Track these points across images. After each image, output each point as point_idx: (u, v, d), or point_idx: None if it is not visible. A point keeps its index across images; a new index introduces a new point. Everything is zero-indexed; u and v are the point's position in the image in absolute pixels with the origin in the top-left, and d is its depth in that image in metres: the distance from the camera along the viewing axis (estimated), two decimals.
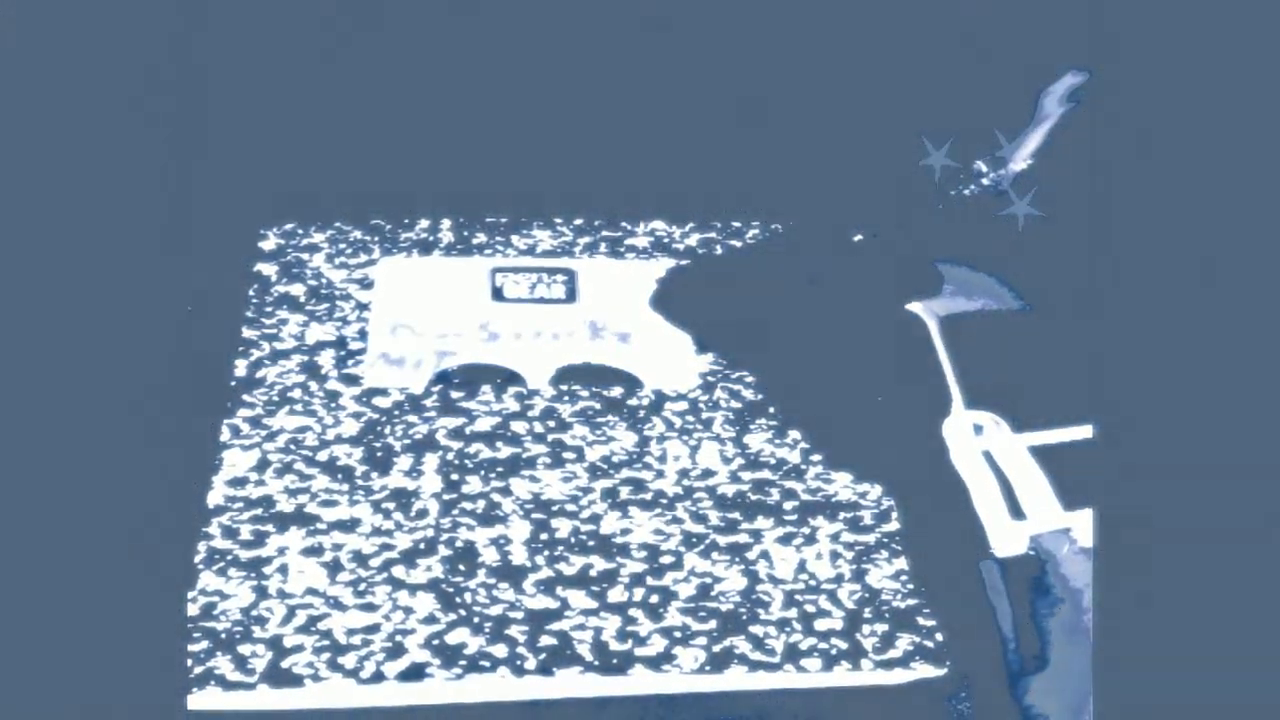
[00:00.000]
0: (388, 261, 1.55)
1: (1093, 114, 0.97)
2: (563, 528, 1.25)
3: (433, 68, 1.71)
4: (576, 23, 1.72)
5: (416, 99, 1.70)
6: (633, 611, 1.19)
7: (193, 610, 1.15)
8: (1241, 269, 0.93)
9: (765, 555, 1.24)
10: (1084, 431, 1.30)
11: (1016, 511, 1.27)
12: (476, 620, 1.17)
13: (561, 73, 1.72)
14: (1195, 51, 0.97)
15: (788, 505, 1.29)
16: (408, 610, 1.17)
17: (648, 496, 1.29)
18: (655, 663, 1.15)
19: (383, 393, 1.38)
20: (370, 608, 1.17)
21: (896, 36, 1.70)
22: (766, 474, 1.32)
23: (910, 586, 1.23)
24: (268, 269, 1.52)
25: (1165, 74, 0.97)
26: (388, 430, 1.34)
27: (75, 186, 0.94)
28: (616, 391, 1.40)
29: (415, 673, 1.12)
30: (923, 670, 1.16)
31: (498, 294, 1.52)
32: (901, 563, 1.25)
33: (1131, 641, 0.90)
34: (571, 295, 1.52)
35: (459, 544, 1.23)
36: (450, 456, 1.32)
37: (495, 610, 1.18)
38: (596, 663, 1.14)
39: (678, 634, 1.17)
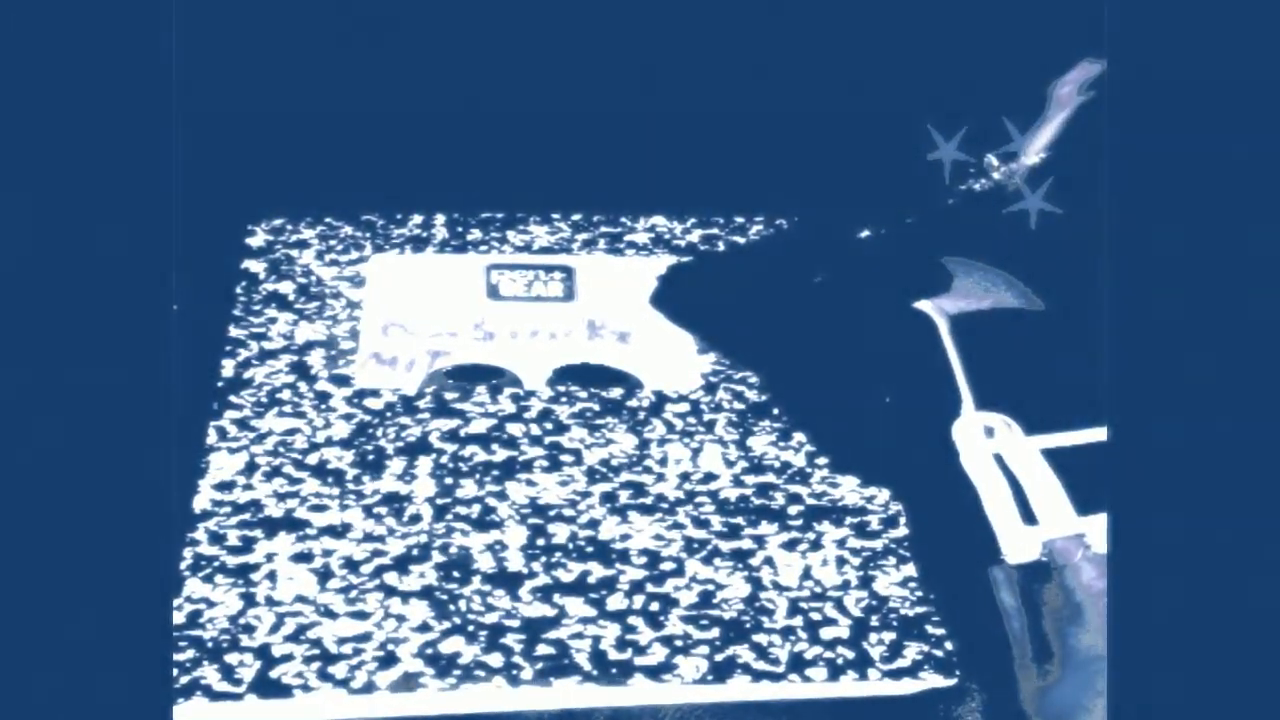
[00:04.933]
0: (379, 258, 1.53)
1: (1109, 105, 0.95)
2: (560, 533, 1.23)
3: (426, 58, 1.70)
4: (575, 13, 1.71)
5: (409, 90, 1.68)
6: (632, 619, 1.16)
7: (178, 618, 1.13)
8: (1262, 268, 0.91)
9: (769, 561, 1.22)
10: (1098, 434, 1.28)
11: (1029, 516, 1.26)
12: (471, 628, 1.14)
13: (559, 64, 1.71)
14: (1215, 39, 0.94)
15: (792, 510, 1.27)
16: (400, 618, 1.15)
17: (648, 501, 1.27)
18: (655, 672, 1.12)
19: (374, 394, 1.36)
20: (361, 615, 1.15)
21: (904, 25, 1.69)
22: (770, 478, 1.30)
23: (919, 593, 1.21)
24: (255, 266, 1.51)
25: (1184, 62, 0.94)
26: (380, 432, 1.32)
27: (61, 182, 0.91)
28: (616, 392, 1.39)
29: (408, 682, 1.10)
30: (932, 680, 1.15)
31: (493, 292, 1.50)
32: (910, 569, 1.23)
33: (1145, 648, 0.88)
34: (569, 293, 1.50)
35: (453, 550, 1.21)
36: (444, 460, 1.30)
37: (490, 618, 1.15)
38: (595, 672, 1.12)
39: (679, 643, 1.15)
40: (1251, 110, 0.93)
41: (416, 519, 1.24)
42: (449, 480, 1.28)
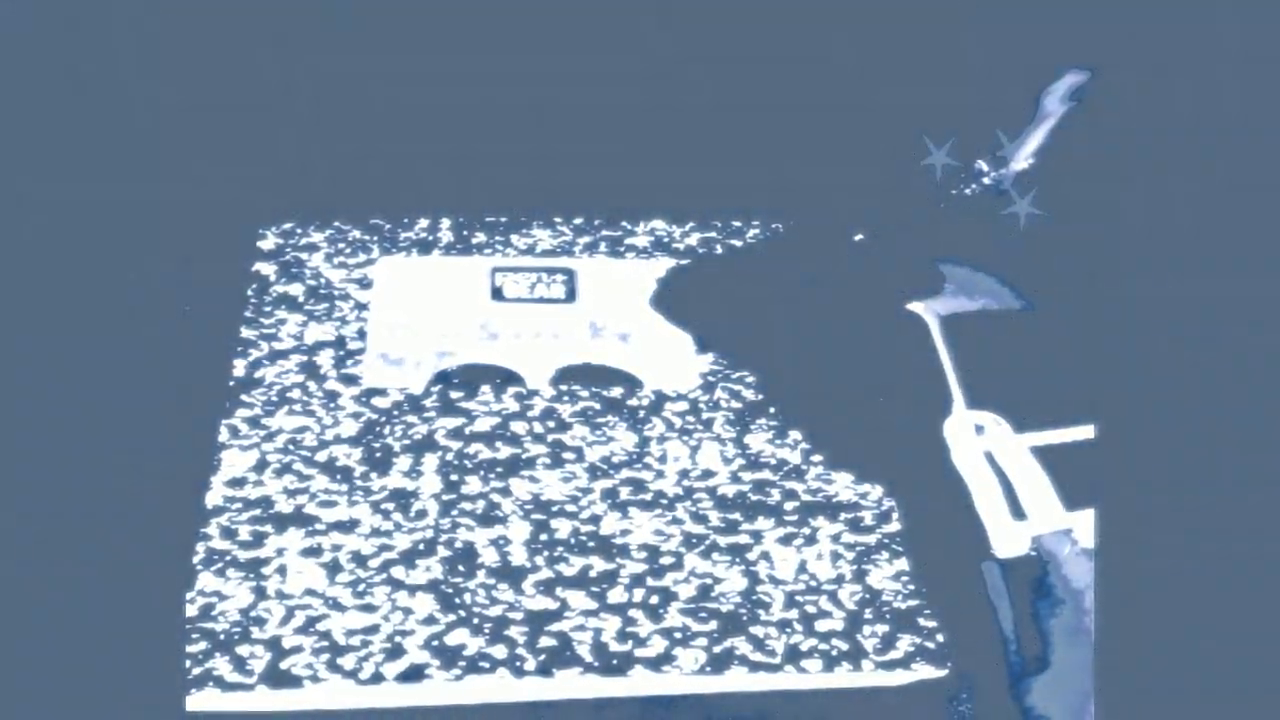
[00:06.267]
0: (387, 261, 1.55)
1: (1094, 113, 0.97)
2: (562, 528, 1.25)
3: (432, 67, 1.71)
4: (577, 22, 1.72)
5: (416, 98, 1.69)
6: (633, 612, 1.18)
7: (191, 611, 1.15)
8: (1242, 268, 0.93)
9: (766, 556, 1.24)
10: (1086, 432, 1.30)
11: (1018, 512, 1.27)
12: (476, 621, 1.16)
13: (561, 72, 1.72)
14: (1195, 50, 0.96)
15: (788, 506, 1.29)
16: (407, 611, 1.17)
17: (648, 497, 1.29)
18: (655, 664, 1.14)
19: (382, 393, 1.38)
20: (369, 608, 1.17)
21: (897, 36, 1.70)
22: (767, 474, 1.32)
23: (911, 587, 1.23)
24: (266, 268, 1.52)
25: (1166, 72, 0.97)
26: (387, 430, 1.34)
27: (73, 185, 0.93)
28: (616, 391, 1.40)
29: (414, 674, 1.12)
30: (924, 671, 1.16)
31: (497, 293, 1.51)
32: (902, 563, 1.25)
33: (1133, 642, 0.89)
34: (571, 295, 1.52)
35: (458, 545, 1.23)
36: (450, 457, 1.32)
37: (495, 611, 1.17)
38: (596, 664, 1.14)
39: (678, 635, 1.17)
40: (1236, 116, 0.95)
41: (423, 514, 1.26)
42: (454, 477, 1.30)
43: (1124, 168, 0.97)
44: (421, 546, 1.23)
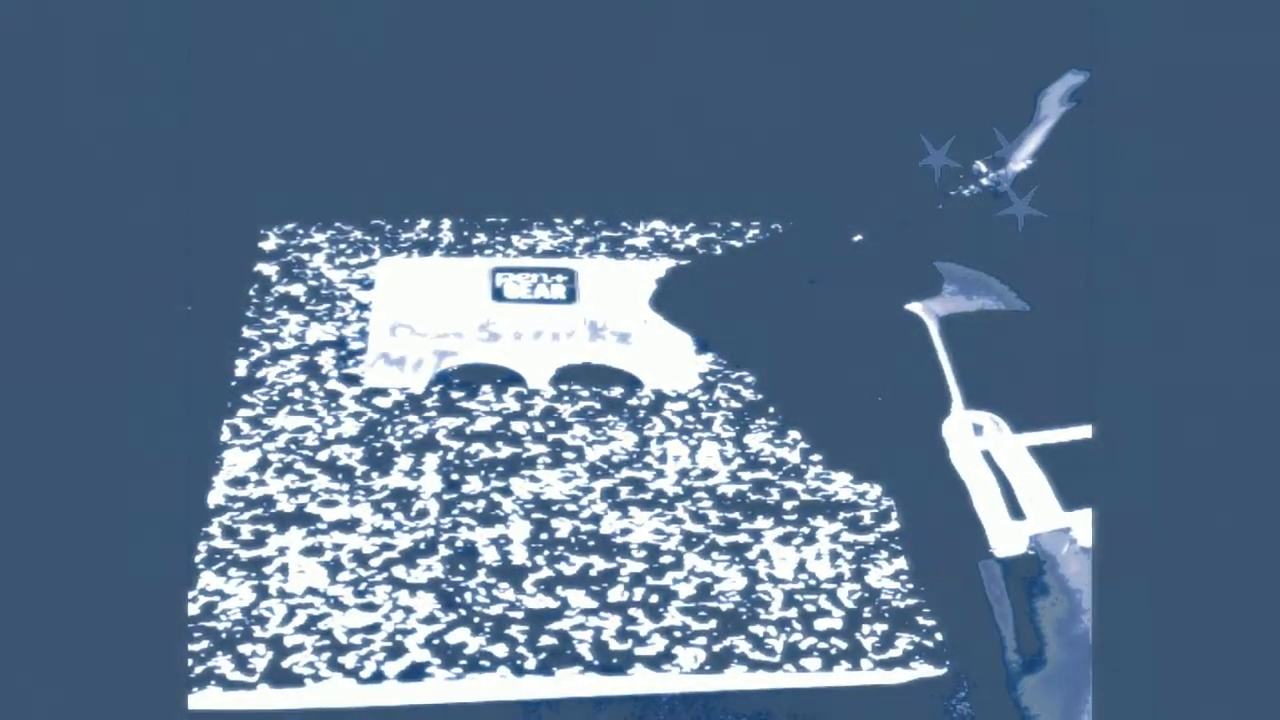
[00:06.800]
0: (388, 261, 1.55)
1: (1093, 113, 0.97)
2: (563, 527, 1.26)
3: (433, 67, 1.72)
4: (577, 22, 1.73)
5: (417, 98, 1.70)
6: (633, 611, 1.19)
7: (193, 610, 1.16)
8: (1241, 268, 0.94)
9: (765, 555, 1.25)
10: (1083, 431, 1.30)
11: (1016, 511, 1.28)
12: (477, 620, 1.17)
13: (562, 72, 1.72)
14: (1195, 50, 0.97)
15: (787, 505, 1.30)
16: (408, 610, 1.17)
17: (648, 496, 1.29)
18: (655, 662, 1.15)
19: (383, 393, 1.39)
20: (370, 607, 1.17)
21: (897, 36, 1.70)
22: (766, 474, 1.33)
23: (910, 586, 1.23)
24: (268, 269, 1.52)
25: (1165, 72, 0.97)
26: (388, 430, 1.34)
27: (73, 185, 0.94)
28: (616, 391, 1.41)
29: (415, 672, 1.13)
30: (922, 670, 1.17)
31: (498, 294, 1.52)
32: (901, 562, 1.25)
33: (1130, 641, 0.90)
34: (571, 295, 1.52)
35: (459, 544, 1.23)
36: (450, 456, 1.32)
37: (495, 610, 1.18)
38: (596, 662, 1.15)
39: (678, 634, 1.17)
40: (1233, 118, 0.95)
41: (424, 514, 1.26)
42: (455, 476, 1.30)
43: (1123, 166, 0.97)
44: (422, 546, 1.23)
